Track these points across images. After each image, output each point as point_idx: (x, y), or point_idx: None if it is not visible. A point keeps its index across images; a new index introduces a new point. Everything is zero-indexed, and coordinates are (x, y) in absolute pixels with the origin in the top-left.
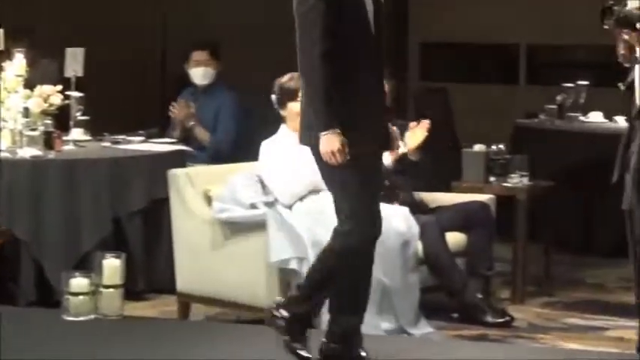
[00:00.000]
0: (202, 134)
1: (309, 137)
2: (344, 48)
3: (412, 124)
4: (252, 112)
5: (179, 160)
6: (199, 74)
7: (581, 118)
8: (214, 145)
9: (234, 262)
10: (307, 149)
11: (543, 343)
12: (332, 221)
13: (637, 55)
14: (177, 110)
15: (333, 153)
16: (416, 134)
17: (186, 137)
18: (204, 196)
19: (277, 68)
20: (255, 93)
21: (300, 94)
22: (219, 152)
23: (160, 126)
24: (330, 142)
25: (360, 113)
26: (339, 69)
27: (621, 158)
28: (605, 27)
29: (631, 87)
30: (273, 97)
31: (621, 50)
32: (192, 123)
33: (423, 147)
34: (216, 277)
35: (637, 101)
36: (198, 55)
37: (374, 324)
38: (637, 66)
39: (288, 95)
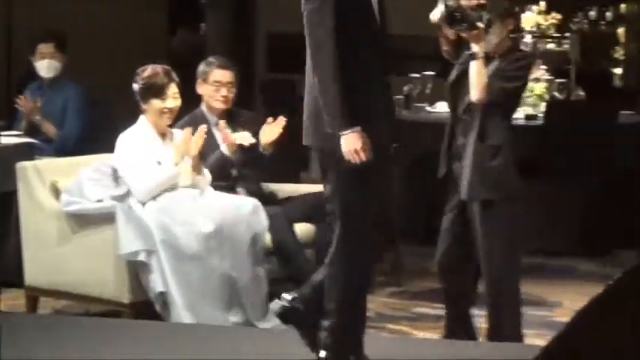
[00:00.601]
0: (49, 129)
1: (319, 139)
2: (351, 45)
3: (269, 119)
4: (100, 105)
5: (27, 152)
6: (44, 67)
7: (428, 108)
8: (61, 139)
9: (83, 255)
10: (166, 143)
11: (393, 333)
12: (185, 218)
13: (475, 50)
14: (22, 104)
15: (356, 152)
16: (272, 130)
17: (33, 129)
18: (52, 188)
19: (127, 60)
20: (103, 85)
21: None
22: (66, 146)
23: (6, 118)
24: (353, 140)
25: (365, 109)
26: (347, 66)
27: (447, 152)
28: (459, 30)
29: (459, 82)
30: (135, 87)
31: (445, 47)
32: (37, 117)
33: (277, 142)
34: (64, 269)
35: (471, 96)
36: (43, 47)
37: (222, 319)
38: (472, 62)
39: (153, 91)
